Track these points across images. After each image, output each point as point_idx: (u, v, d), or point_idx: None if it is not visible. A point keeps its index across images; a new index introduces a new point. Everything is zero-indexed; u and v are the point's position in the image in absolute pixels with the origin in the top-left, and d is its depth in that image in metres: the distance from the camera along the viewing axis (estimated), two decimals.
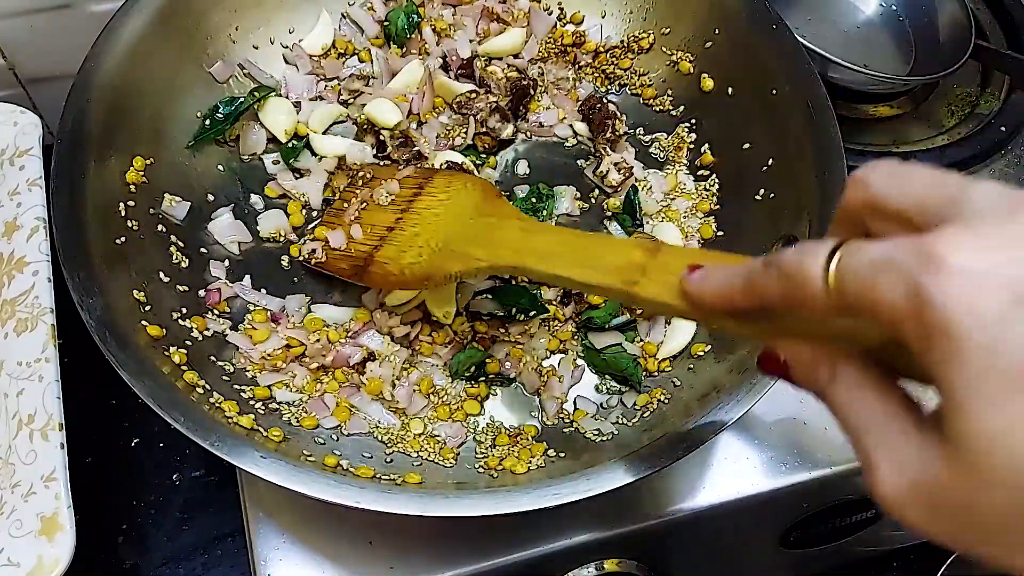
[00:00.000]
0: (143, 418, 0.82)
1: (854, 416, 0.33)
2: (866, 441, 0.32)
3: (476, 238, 0.59)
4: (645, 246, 0.46)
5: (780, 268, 0.33)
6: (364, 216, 0.68)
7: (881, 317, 0.29)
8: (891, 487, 0.30)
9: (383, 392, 0.64)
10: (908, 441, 0.31)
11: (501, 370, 0.66)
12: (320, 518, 0.63)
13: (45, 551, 0.58)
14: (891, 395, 0.32)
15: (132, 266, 0.63)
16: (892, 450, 0.31)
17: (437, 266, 0.60)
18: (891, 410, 0.32)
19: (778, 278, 0.34)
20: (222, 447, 0.53)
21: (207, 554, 0.78)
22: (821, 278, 0.31)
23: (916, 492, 0.30)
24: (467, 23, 0.80)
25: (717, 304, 0.39)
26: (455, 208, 0.63)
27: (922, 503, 0.30)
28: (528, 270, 0.54)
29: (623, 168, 0.74)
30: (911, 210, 0.32)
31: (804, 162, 0.67)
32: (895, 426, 0.31)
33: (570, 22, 0.82)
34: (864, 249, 0.30)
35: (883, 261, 0.29)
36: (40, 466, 0.60)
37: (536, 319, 0.68)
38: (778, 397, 0.65)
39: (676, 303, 0.42)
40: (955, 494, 0.29)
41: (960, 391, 0.27)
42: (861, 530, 0.75)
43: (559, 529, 0.64)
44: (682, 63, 0.78)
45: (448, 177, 0.67)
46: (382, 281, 0.64)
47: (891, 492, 0.31)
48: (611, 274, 0.47)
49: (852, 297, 0.30)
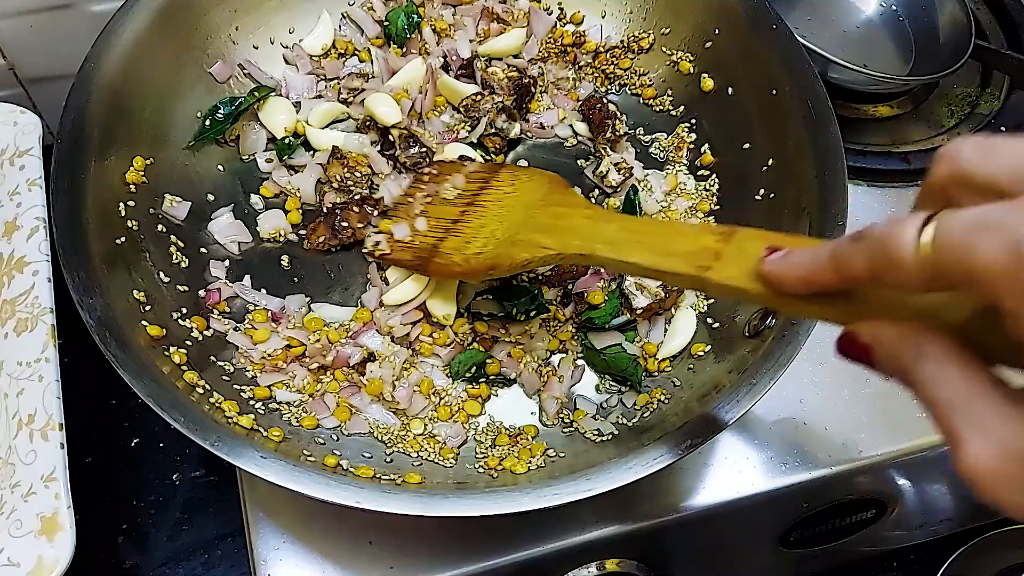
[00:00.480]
0: (143, 418, 0.82)
1: (941, 391, 0.32)
2: (954, 417, 0.31)
3: (543, 227, 0.60)
4: (718, 231, 0.46)
5: (871, 238, 0.33)
6: (430, 210, 0.68)
7: (979, 277, 0.29)
8: (982, 463, 0.30)
9: (383, 393, 0.64)
10: (1000, 415, 0.30)
11: (502, 371, 0.66)
12: (320, 518, 0.63)
13: (45, 551, 0.58)
14: (979, 371, 0.32)
15: (132, 266, 0.63)
16: (982, 425, 0.30)
17: (503, 255, 0.60)
18: (980, 386, 0.31)
19: (868, 249, 0.33)
20: (222, 447, 0.53)
21: (207, 554, 0.78)
22: (914, 245, 0.31)
23: (1009, 466, 0.29)
24: (467, 23, 0.80)
25: (798, 285, 0.38)
26: (522, 199, 0.64)
27: (1015, 477, 0.29)
28: (598, 258, 0.54)
29: (623, 168, 0.74)
30: (1003, 179, 0.31)
31: (804, 162, 0.67)
32: (985, 400, 0.31)
33: (570, 22, 0.82)
34: (961, 213, 0.30)
35: (982, 221, 0.29)
36: (40, 466, 0.60)
37: (536, 319, 0.68)
38: (778, 397, 0.66)
39: (752, 287, 0.42)
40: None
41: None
42: (861, 530, 0.75)
43: (559, 529, 0.64)
44: (682, 63, 0.78)
45: (514, 171, 0.68)
46: (446, 271, 0.64)
47: (982, 468, 0.30)
48: (683, 260, 0.47)
49: (948, 261, 0.30)
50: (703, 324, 0.68)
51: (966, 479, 0.31)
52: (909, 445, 0.69)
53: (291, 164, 0.74)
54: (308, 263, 0.71)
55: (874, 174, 0.85)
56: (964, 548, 0.76)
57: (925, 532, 0.80)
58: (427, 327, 0.67)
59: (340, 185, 0.72)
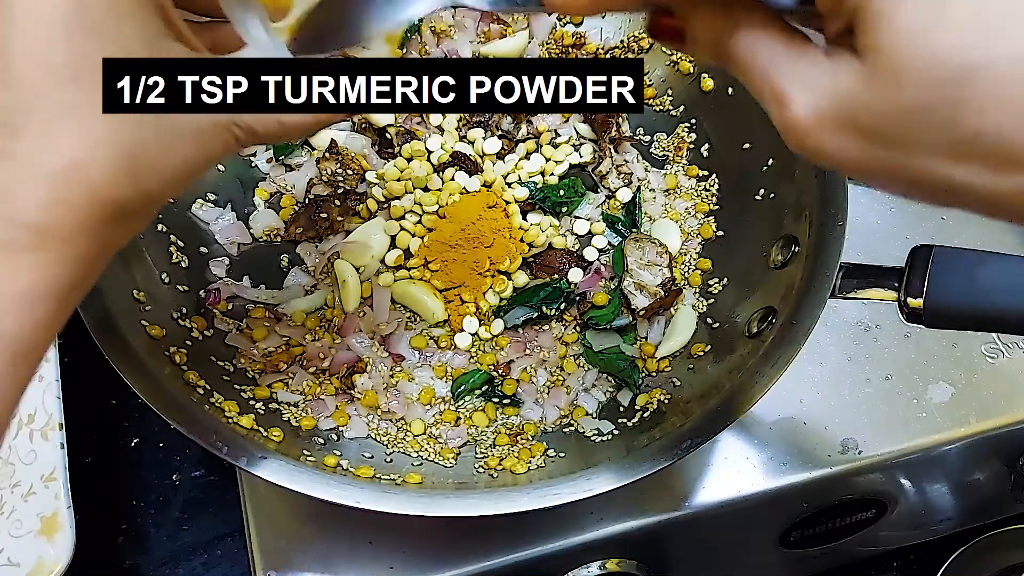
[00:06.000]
0: (143, 418, 0.82)
1: (761, 58, 0.32)
2: (776, 76, 0.32)
3: None
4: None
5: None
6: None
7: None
8: (805, 112, 0.31)
9: (379, 404, 0.64)
10: (819, 65, 0.31)
11: (518, 391, 0.66)
12: (320, 518, 0.63)
13: (45, 551, 0.58)
14: (793, 34, 0.33)
15: (132, 266, 0.63)
16: (804, 77, 0.31)
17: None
18: (796, 46, 0.32)
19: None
20: (222, 447, 0.53)
21: (207, 554, 0.78)
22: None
23: (832, 111, 0.31)
24: (468, 24, 0.80)
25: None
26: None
27: (838, 122, 0.31)
28: None
29: (624, 174, 0.74)
30: None
31: (804, 162, 0.66)
32: (805, 57, 0.32)
33: (570, 23, 0.82)
34: None
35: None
36: (40, 466, 0.61)
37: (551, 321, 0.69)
38: (778, 397, 0.66)
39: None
40: (873, 104, 0.30)
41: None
42: (861, 530, 0.75)
43: (559, 529, 0.64)
44: (682, 63, 0.78)
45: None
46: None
47: (805, 117, 0.31)
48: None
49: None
50: (703, 324, 0.68)
51: (792, 133, 0.32)
52: (909, 445, 0.69)
53: (290, 164, 0.74)
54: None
55: None
56: (964, 548, 0.76)
57: (925, 532, 0.80)
58: (422, 339, 0.67)
59: (329, 179, 0.72)
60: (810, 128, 0.31)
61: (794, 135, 0.32)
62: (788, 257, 0.64)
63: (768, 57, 0.32)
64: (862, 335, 0.72)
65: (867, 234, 0.75)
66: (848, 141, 0.31)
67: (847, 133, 0.31)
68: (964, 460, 0.72)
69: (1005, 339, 0.73)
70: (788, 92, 0.31)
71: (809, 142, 0.31)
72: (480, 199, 0.71)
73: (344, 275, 0.68)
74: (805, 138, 0.31)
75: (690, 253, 0.72)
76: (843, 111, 0.30)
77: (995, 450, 0.73)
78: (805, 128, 0.31)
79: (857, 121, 0.30)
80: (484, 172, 0.73)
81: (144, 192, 0.37)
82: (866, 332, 0.72)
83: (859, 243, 0.70)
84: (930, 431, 0.69)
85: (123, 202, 0.36)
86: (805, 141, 0.32)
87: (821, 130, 0.31)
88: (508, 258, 0.69)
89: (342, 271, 0.68)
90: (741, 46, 0.33)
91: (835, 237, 0.61)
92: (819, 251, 0.61)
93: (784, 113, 0.32)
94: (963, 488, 0.76)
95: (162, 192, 0.38)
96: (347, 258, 0.69)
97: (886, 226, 0.76)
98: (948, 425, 0.69)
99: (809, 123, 0.31)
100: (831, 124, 0.31)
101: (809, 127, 0.31)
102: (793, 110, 0.31)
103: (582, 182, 0.74)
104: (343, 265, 0.68)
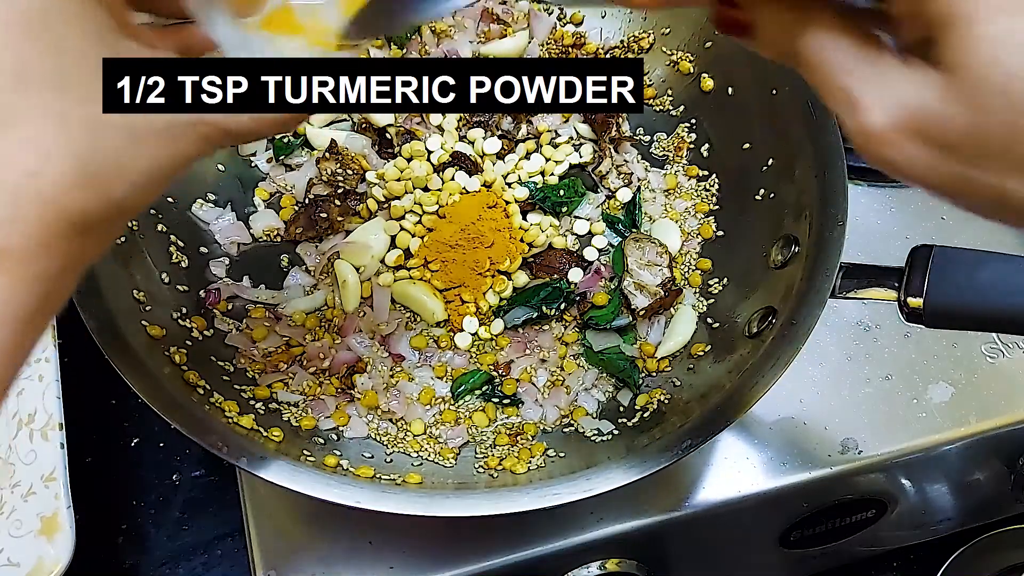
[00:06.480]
0: (143, 418, 0.82)
1: (832, 59, 0.31)
2: (848, 80, 0.31)
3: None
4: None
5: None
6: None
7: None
8: (880, 120, 0.30)
9: (379, 404, 0.64)
10: (895, 73, 0.30)
11: (517, 391, 0.66)
12: (320, 518, 0.63)
13: (45, 551, 0.58)
14: (868, 38, 0.31)
15: (132, 266, 0.63)
16: (879, 84, 0.30)
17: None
18: (872, 50, 0.31)
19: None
20: (222, 447, 0.53)
21: (207, 554, 0.78)
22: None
23: (908, 121, 0.30)
24: (468, 24, 0.80)
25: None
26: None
27: (913, 133, 0.30)
28: None
29: (624, 174, 0.74)
30: None
31: (804, 162, 0.67)
32: (880, 62, 0.31)
33: (570, 23, 0.82)
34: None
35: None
36: (40, 466, 0.61)
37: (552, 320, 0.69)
38: (778, 397, 0.66)
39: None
40: (950, 117, 0.29)
41: (957, 4, 0.27)
42: (861, 530, 0.75)
43: (559, 529, 0.64)
44: (682, 63, 0.78)
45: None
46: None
47: (880, 126, 0.30)
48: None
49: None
50: (703, 324, 0.68)
51: (864, 140, 0.31)
52: (909, 445, 0.69)
53: (290, 164, 0.74)
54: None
55: (874, 174, 0.85)
56: (964, 548, 0.76)
57: (925, 532, 0.80)
58: (422, 339, 0.67)
59: (329, 179, 0.72)
60: (884, 137, 0.30)
61: (865, 142, 0.31)
62: (788, 257, 0.64)
63: (839, 59, 0.31)
64: (862, 335, 0.72)
65: (867, 234, 0.75)
66: (921, 152, 0.30)
67: (921, 144, 0.30)
68: (964, 460, 0.73)
69: (1005, 339, 0.73)
70: (862, 98, 0.30)
71: (883, 151, 0.31)
72: (480, 199, 0.71)
73: (344, 275, 0.68)
74: (879, 147, 0.31)
75: (690, 253, 0.72)
76: (920, 122, 0.30)
77: (995, 450, 0.73)
78: (879, 137, 0.30)
79: (933, 133, 0.29)
80: (484, 172, 0.73)
81: (108, 200, 0.34)
82: (866, 332, 0.72)
83: (859, 243, 0.70)
84: (930, 431, 0.69)
85: (86, 213, 0.33)
86: (879, 150, 0.31)
87: (895, 140, 0.30)
88: (508, 258, 0.69)
89: (342, 271, 0.68)
90: (811, 44, 0.32)
91: (835, 237, 0.61)
92: (819, 251, 0.61)
93: (857, 119, 0.31)
94: (963, 488, 0.76)
95: (131, 199, 0.35)
96: (347, 258, 0.69)
97: (886, 226, 0.77)
98: (948, 425, 0.69)
99: (884, 132, 0.30)
100: (906, 134, 0.30)
101: (883, 136, 0.30)
102: (868, 117, 0.30)
103: (582, 182, 0.74)
104: (343, 265, 0.68)
